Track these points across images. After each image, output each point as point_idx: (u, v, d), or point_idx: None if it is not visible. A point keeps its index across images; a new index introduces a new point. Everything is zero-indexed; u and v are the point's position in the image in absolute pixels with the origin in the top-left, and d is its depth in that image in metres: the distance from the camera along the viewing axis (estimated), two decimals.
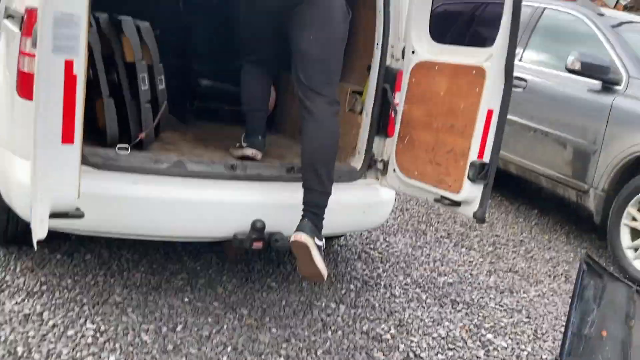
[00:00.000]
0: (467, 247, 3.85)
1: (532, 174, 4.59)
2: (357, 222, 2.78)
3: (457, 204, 2.42)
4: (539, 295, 3.33)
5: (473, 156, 2.32)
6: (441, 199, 2.47)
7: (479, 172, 2.31)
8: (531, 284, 3.47)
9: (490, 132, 2.30)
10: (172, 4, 3.76)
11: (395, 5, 2.69)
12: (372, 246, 3.54)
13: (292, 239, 2.30)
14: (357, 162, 2.85)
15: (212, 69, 3.50)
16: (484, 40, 2.55)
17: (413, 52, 2.61)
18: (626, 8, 8.90)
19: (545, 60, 4.74)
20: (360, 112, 2.87)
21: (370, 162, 2.82)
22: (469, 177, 2.33)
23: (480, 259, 3.70)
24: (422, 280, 3.21)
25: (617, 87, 3.99)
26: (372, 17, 2.76)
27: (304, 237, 2.26)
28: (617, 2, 9.06)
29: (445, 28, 3.07)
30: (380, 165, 2.81)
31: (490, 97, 2.29)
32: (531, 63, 4.71)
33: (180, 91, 3.44)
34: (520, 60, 4.66)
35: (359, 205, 2.71)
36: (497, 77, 2.27)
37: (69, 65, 1.55)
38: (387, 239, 3.69)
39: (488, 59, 2.29)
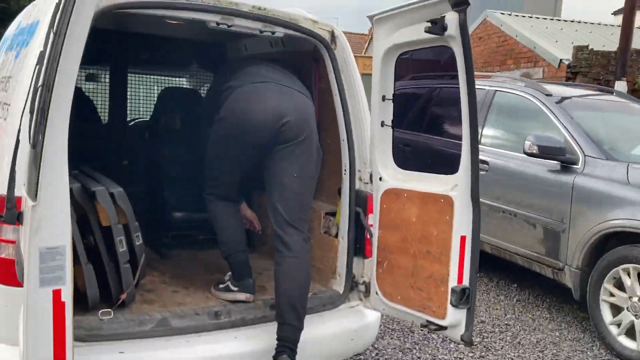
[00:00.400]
0: (455, 343, 3.85)
1: (507, 253, 4.68)
2: (346, 350, 2.77)
3: (444, 328, 2.45)
4: None
5: (453, 282, 2.37)
6: (428, 324, 2.50)
7: (460, 297, 2.35)
8: None
9: (466, 257, 2.36)
10: (137, 134, 3.83)
11: (357, 134, 2.81)
12: (361, 356, 3.51)
13: None
14: (339, 286, 2.88)
15: (182, 198, 3.53)
16: (442, 126, 2.66)
17: (380, 178, 2.69)
18: (569, 67, 9.39)
19: (502, 142, 4.94)
20: (336, 235, 2.93)
21: (352, 284, 2.85)
22: (451, 303, 2.36)
23: (470, 354, 3.71)
24: None
25: (575, 167, 4.16)
26: (338, 143, 2.86)
27: None
28: (560, 62, 9.55)
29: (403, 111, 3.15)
30: (362, 287, 2.84)
31: (461, 224, 2.36)
32: (490, 145, 4.90)
33: (153, 223, 3.45)
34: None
35: (347, 332, 2.72)
36: (465, 205, 2.35)
37: (56, 294, 1.56)
38: (375, 345, 3.67)
39: (454, 188, 2.38)
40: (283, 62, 2.86)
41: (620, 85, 8.78)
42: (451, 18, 2.27)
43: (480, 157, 4.52)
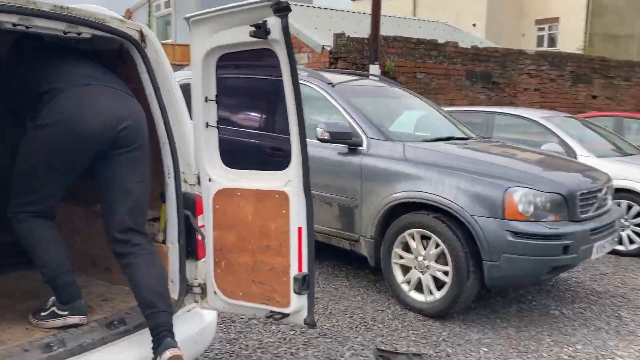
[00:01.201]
0: (284, 325, 4.04)
1: None
2: (192, 354, 2.74)
3: (288, 315, 2.59)
4: (349, 349, 3.71)
5: (294, 271, 2.52)
6: (272, 314, 2.61)
7: (302, 284, 2.51)
8: (340, 342, 3.82)
9: (304, 246, 2.53)
10: None
11: (178, 136, 2.75)
12: None
13: (170, 354, 2.27)
14: (174, 292, 2.81)
15: None
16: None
17: (210, 179, 2.70)
18: (331, 53, 10.22)
19: None
20: (164, 241, 2.86)
21: (186, 289, 2.82)
22: (295, 291, 2.51)
23: (292, 332, 3.93)
24: None
25: (361, 149, 4.64)
26: (156, 146, 2.77)
27: (179, 352, 2.29)
28: (322, 48, 10.33)
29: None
30: (197, 290, 2.83)
31: (297, 216, 2.51)
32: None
33: None
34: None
35: (189, 337, 2.68)
36: (299, 198, 2.51)
37: None
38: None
39: (287, 183, 2.52)
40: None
41: (374, 68, 9.89)
42: (273, 23, 2.37)
43: None
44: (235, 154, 2.74)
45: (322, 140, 4.64)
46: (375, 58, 9.91)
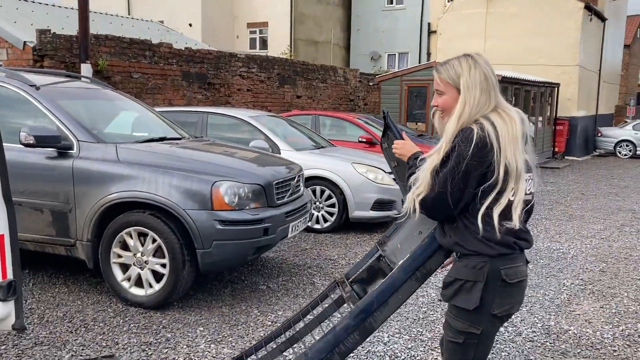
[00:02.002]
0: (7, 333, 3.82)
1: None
2: None
3: None
4: (69, 351, 3.73)
5: None
6: None
7: (7, 291, 2.53)
8: (58, 347, 3.80)
9: (7, 253, 2.55)
10: None
11: None
12: None
13: None
14: None
15: None
16: None
17: None
18: (35, 50, 9.52)
19: None
20: None
21: None
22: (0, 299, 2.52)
23: (2, 347, 3.77)
24: None
25: (72, 152, 4.60)
26: None
27: None
28: (24, 44, 9.56)
29: None
30: None
31: None
32: None
33: None
34: None
35: None
36: None
37: None
38: None
39: None
40: None
41: (86, 68, 9.56)
42: None
43: None
44: None
45: (27, 145, 4.47)
46: (86, 57, 9.57)
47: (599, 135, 21.42)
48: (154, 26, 16.01)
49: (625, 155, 20.57)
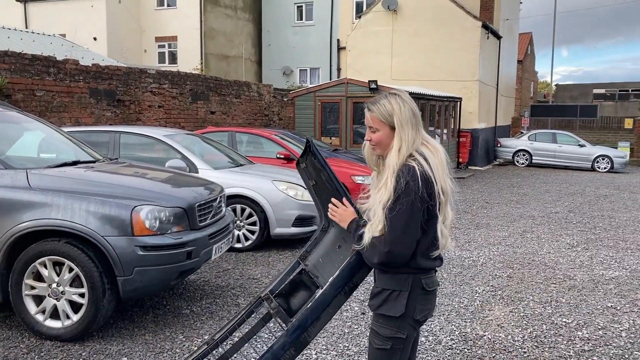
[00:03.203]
0: None
1: None
2: None
3: None
4: None
5: None
6: None
7: None
8: None
9: None
10: None
11: None
12: None
13: None
14: None
15: None
16: None
17: None
18: None
19: None
20: None
21: None
22: None
23: None
24: None
25: None
26: None
27: None
28: None
29: None
30: None
31: None
32: None
33: None
34: None
35: None
36: None
37: None
38: None
39: None
40: None
41: None
42: None
43: None
44: None
45: None
46: None
47: (499, 145, 22.81)
48: (57, 41, 15.29)
49: (523, 164, 22.03)
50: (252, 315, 2.86)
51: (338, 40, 26.71)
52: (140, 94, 12.96)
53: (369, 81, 14.52)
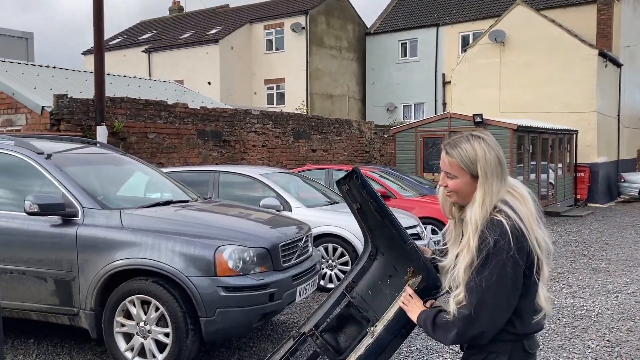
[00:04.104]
0: None
1: (20, 312, 4.70)
2: None
3: None
4: None
5: None
6: None
7: None
8: None
9: None
10: None
11: None
12: None
13: None
14: None
15: None
16: None
17: None
18: (52, 114, 9.73)
19: (0, 202, 4.91)
20: None
21: None
22: None
23: None
24: None
25: (76, 219, 4.57)
26: None
27: None
28: (42, 109, 9.77)
29: None
30: None
31: None
32: None
33: None
34: None
35: None
36: None
37: None
38: None
39: None
40: None
41: (101, 130, 9.73)
42: None
43: None
44: None
45: (31, 214, 4.45)
46: (101, 119, 9.76)
47: (622, 180, 20.99)
48: (171, 86, 16.38)
49: None
50: (297, 354, 2.59)
51: (443, 74, 26.31)
52: (245, 134, 13.42)
53: (473, 115, 14.03)
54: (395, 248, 2.39)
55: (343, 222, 7.16)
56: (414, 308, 2.16)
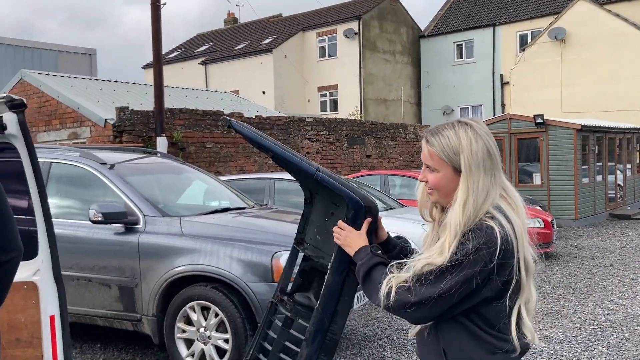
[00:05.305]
0: None
1: (87, 317, 4.85)
2: None
3: None
4: None
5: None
6: None
7: None
8: None
9: (57, 335, 2.53)
10: None
11: None
12: None
13: None
14: None
15: None
16: None
17: None
18: (114, 126, 10.06)
19: (67, 211, 5.08)
20: None
21: None
22: None
23: None
24: None
25: (138, 227, 4.68)
26: None
27: None
28: (105, 122, 10.13)
29: None
30: None
31: (48, 304, 2.51)
32: (55, 216, 4.95)
33: None
34: None
35: None
36: (49, 286, 2.52)
37: None
38: None
39: (36, 273, 2.51)
40: None
41: (161, 141, 9.99)
42: (10, 118, 2.42)
43: None
44: None
45: (95, 222, 4.59)
46: (161, 130, 10.03)
47: None
48: (227, 97, 16.69)
49: None
50: (273, 325, 2.40)
51: (501, 75, 25.68)
52: (299, 141, 13.49)
53: (534, 115, 13.58)
54: None
55: (398, 228, 6.99)
56: (349, 241, 1.88)
